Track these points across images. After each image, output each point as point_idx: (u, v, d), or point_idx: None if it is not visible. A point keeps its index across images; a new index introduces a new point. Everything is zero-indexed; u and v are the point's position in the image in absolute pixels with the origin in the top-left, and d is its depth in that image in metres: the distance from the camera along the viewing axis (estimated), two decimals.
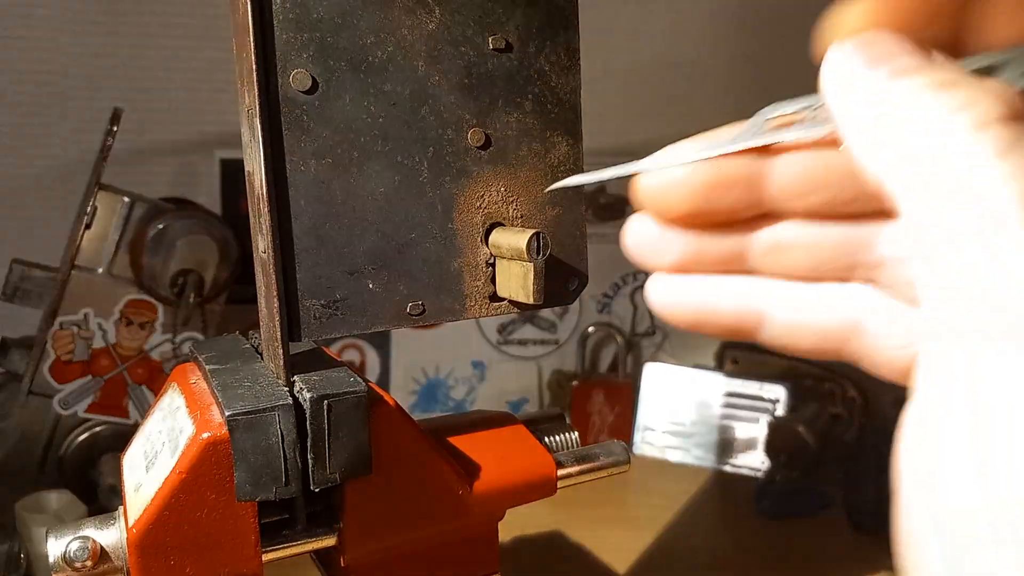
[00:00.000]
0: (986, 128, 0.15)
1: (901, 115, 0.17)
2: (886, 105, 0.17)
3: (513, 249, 0.27)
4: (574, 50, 0.29)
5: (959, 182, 0.16)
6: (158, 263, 0.69)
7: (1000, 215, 0.15)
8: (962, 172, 0.16)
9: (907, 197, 0.17)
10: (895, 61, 0.17)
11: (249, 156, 0.25)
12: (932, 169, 0.16)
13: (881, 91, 0.17)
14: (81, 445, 0.71)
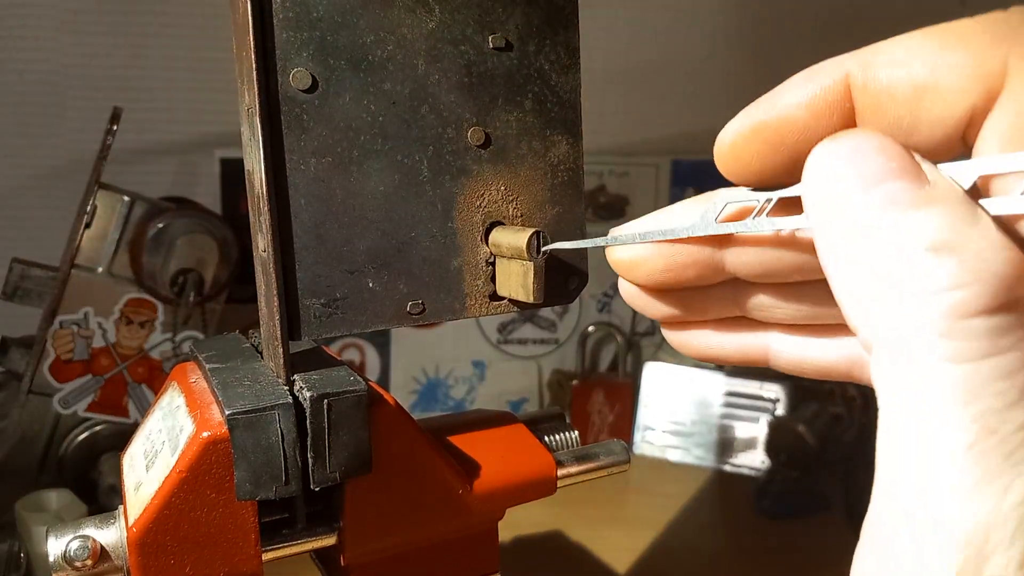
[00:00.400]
0: (965, 319, 0.14)
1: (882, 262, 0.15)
2: (870, 237, 0.15)
3: (513, 248, 0.27)
4: (574, 49, 0.29)
5: (919, 377, 0.14)
6: (158, 262, 0.69)
7: (943, 447, 0.14)
8: (922, 371, 0.14)
9: (865, 335, 0.16)
10: (888, 184, 0.15)
11: (249, 155, 0.25)
12: (895, 339, 0.15)
13: (869, 221, 0.15)
14: (81, 444, 0.71)
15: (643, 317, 0.92)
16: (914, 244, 0.14)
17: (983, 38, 0.15)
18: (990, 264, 0.14)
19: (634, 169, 0.92)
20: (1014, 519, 0.13)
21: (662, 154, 0.93)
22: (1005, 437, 0.14)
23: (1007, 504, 0.13)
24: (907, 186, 0.15)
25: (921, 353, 0.14)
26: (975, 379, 0.14)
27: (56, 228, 0.74)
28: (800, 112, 0.18)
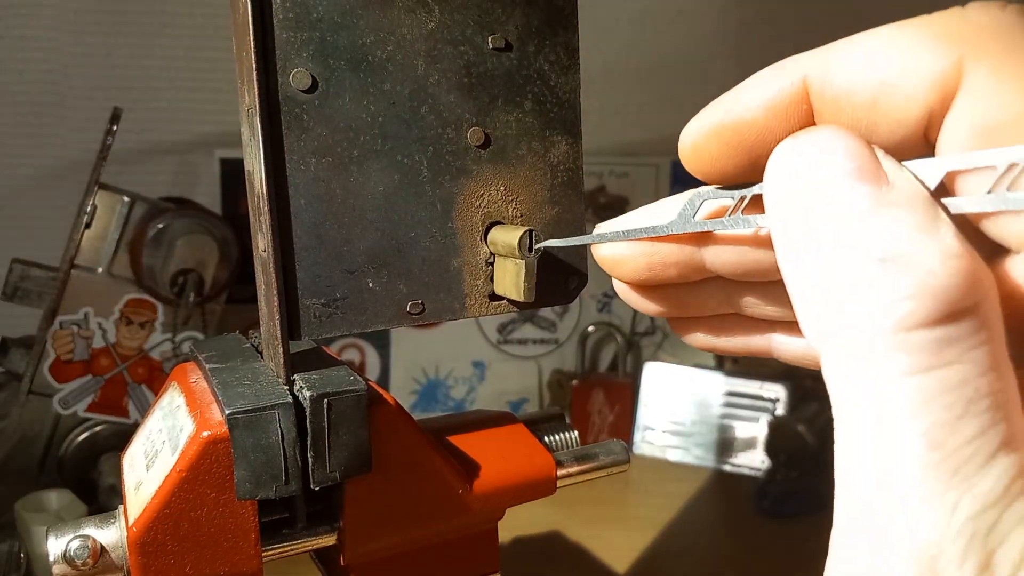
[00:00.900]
0: (911, 332, 0.14)
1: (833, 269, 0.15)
2: (823, 242, 0.15)
3: (507, 246, 0.27)
4: (573, 50, 0.29)
5: (865, 390, 0.14)
6: (158, 262, 0.69)
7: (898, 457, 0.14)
8: (869, 383, 0.14)
9: (813, 339, 0.15)
10: (846, 187, 0.15)
11: (249, 155, 0.25)
12: (843, 349, 0.15)
13: (823, 227, 0.15)
14: (81, 445, 0.71)
15: (643, 317, 0.92)
16: (864, 254, 0.14)
17: (938, 38, 0.15)
18: (937, 276, 0.14)
19: (634, 169, 0.92)
20: (965, 535, 0.13)
21: (662, 154, 0.93)
22: (952, 451, 0.13)
23: (957, 520, 0.13)
24: (865, 190, 0.15)
25: (868, 365, 0.14)
26: (921, 392, 0.14)
27: (56, 228, 0.74)
28: (758, 113, 0.18)
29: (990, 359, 0.14)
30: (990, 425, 0.13)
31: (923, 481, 0.13)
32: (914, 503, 0.14)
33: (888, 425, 0.14)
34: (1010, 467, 0.13)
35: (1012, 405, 0.14)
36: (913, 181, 0.15)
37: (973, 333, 0.14)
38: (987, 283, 0.14)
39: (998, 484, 0.13)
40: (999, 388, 0.14)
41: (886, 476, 0.14)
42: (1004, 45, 0.14)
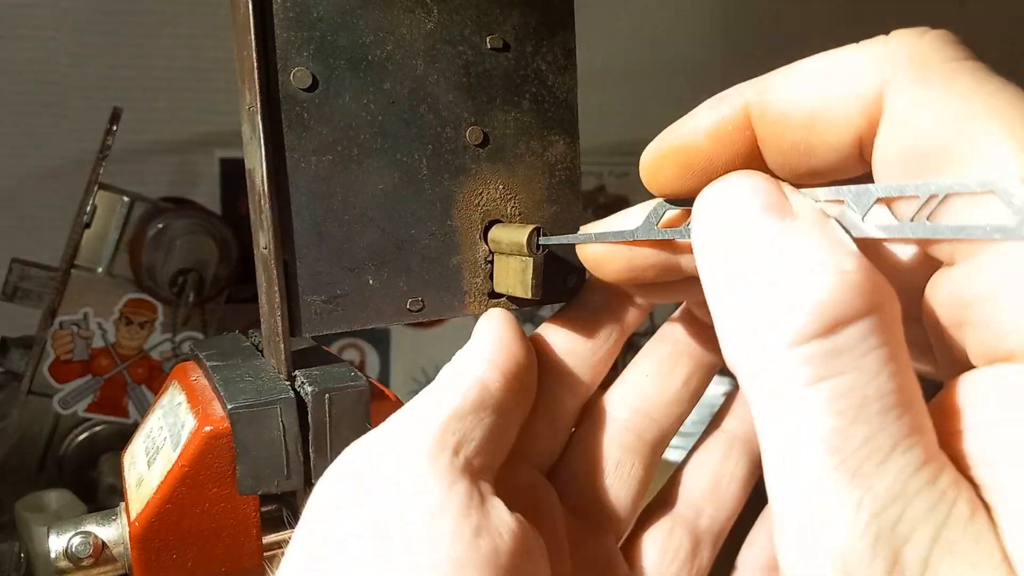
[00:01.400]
0: (799, 346, 0.15)
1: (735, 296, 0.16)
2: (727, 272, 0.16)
3: (513, 244, 0.27)
4: (571, 50, 0.29)
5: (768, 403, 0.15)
6: (158, 262, 0.69)
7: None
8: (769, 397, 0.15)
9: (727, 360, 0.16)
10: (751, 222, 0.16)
11: (250, 153, 0.26)
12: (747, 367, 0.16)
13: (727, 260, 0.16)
14: (81, 444, 0.72)
15: None
16: (757, 280, 0.15)
17: (862, 65, 0.16)
18: (819, 292, 0.14)
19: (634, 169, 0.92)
20: (871, 534, 0.14)
21: None
22: (850, 454, 0.14)
23: (861, 520, 0.14)
24: (768, 223, 0.16)
25: (769, 382, 0.15)
26: (815, 402, 0.14)
27: (56, 228, 0.74)
28: (704, 139, 0.18)
29: (880, 364, 0.14)
30: (882, 426, 0.14)
31: (827, 484, 0.14)
32: (821, 506, 0.14)
33: (791, 436, 0.15)
34: (907, 464, 0.14)
35: (909, 403, 0.14)
36: (816, 211, 0.16)
37: (861, 341, 0.14)
38: (879, 294, 0.15)
39: (896, 481, 0.14)
40: (891, 389, 0.14)
41: (796, 483, 0.15)
42: (921, 72, 0.15)
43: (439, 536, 0.17)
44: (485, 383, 0.21)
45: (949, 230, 0.14)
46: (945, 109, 0.14)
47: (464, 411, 0.20)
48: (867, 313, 0.14)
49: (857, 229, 0.16)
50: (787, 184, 0.17)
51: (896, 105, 0.15)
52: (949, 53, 0.15)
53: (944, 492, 0.14)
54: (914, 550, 0.14)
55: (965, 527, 0.14)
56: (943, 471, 0.14)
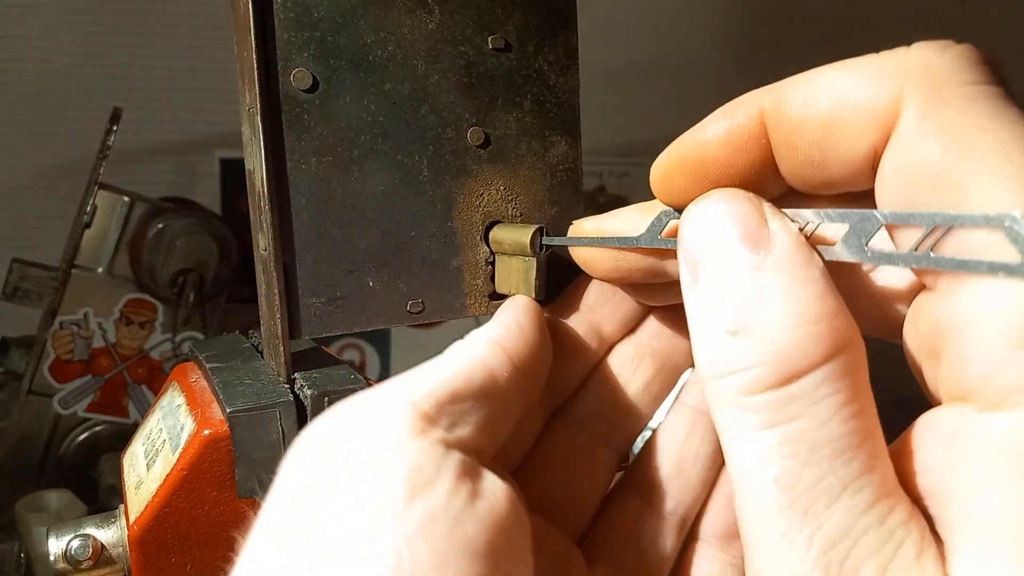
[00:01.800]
0: (755, 395, 0.15)
1: (698, 337, 0.17)
2: (694, 310, 0.17)
3: (516, 244, 0.27)
4: (573, 50, 0.29)
5: (727, 443, 0.16)
6: (158, 263, 0.69)
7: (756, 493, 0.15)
8: (728, 438, 0.16)
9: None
10: (722, 256, 0.16)
11: (250, 154, 0.25)
12: (711, 406, 0.16)
13: (696, 297, 0.17)
14: (81, 445, 0.71)
15: None
16: (721, 325, 0.16)
17: (880, 76, 0.15)
18: (776, 346, 0.15)
19: (634, 169, 0.92)
20: (820, 570, 0.14)
21: None
22: (801, 493, 0.15)
23: (811, 556, 0.14)
24: (740, 256, 0.16)
25: (726, 417, 0.16)
26: (767, 445, 0.15)
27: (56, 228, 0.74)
28: (719, 148, 0.18)
29: (833, 409, 0.15)
30: (832, 469, 0.15)
31: (779, 521, 0.15)
32: (774, 541, 0.15)
33: (748, 471, 0.15)
34: (856, 504, 0.14)
35: (862, 445, 0.15)
36: (792, 244, 0.16)
37: (815, 389, 0.15)
38: (840, 340, 0.15)
39: (845, 520, 0.14)
40: (843, 433, 0.15)
41: (751, 518, 0.16)
42: (936, 92, 0.15)
43: (434, 500, 0.16)
44: (490, 367, 0.20)
45: (952, 263, 0.14)
46: (953, 136, 0.14)
47: (459, 388, 0.19)
48: (824, 361, 0.15)
49: (854, 254, 0.16)
50: (770, 207, 0.17)
51: (906, 124, 0.15)
52: (969, 76, 0.15)
53: (893, 531, 0.14)
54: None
55: (910, 566, 0.14)
56: (894, 510, 0.15)
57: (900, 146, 0.15)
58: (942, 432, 0.15)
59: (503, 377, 0.20)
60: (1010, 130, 0.14)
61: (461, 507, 0.16)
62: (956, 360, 0.14)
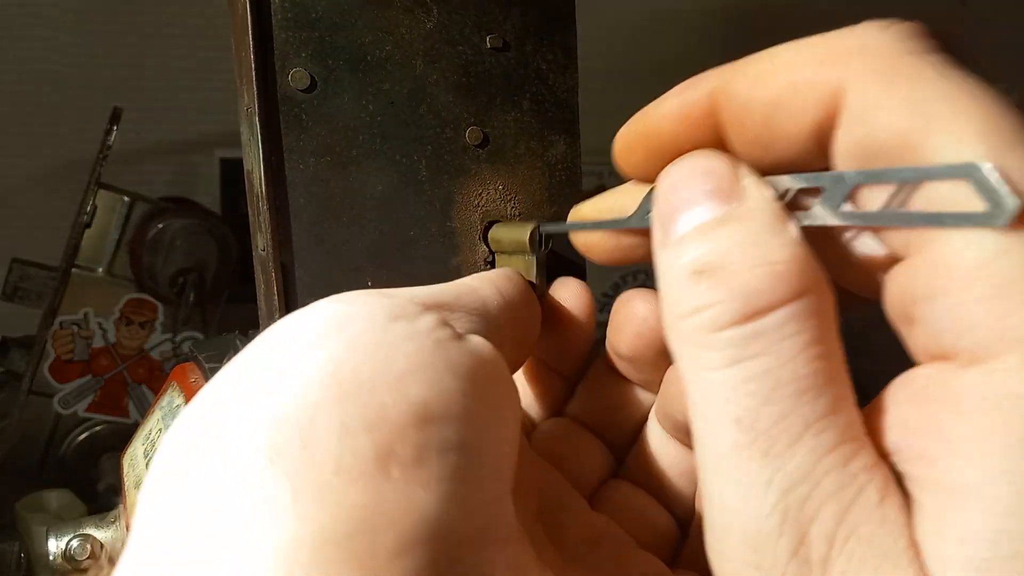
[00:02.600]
0: (716, 332, 0.15)
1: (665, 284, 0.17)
2: (662, 261, 0.17)
3: (515, 242, 0.27)
4: (571, 49, 0.29)
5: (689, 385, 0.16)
6: (158, 262, 0.69)
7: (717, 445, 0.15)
8: (690, 379, 0.16)
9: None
10: (692, 209, 0.17)
11: (248, 155, 0.25)
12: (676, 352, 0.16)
13: (666, 249, 0.17)
14: (81, 444, 0.72)
15: None
16: (679, 270, 0.16)
17: (823, 58, 0.16)
18: (743, 282, 0.15)
19: None
20: (779, 512, 0.14)
21: None
22: (761, 433, 0.14)
23: (770, 498, 0.14)
24: (709, 207, 0.16)
25: (689, 359, 0.16)
26: (729, 383, 0.15)
27: (56, 228, 0.74)
28: (672, 124, 0.19)
29: (797, 349, 0.15)
30: (795, 408, 0.14)
31: (739, 463, 0.15)
32: (733, 483, 0.15)
33: (710, 414, 0.15)
34: (818, 446, 0.14)
35: (826, 387, 0.15)
36: (764, 199, 0.16)
37: (779, 327, 0.15)
38: (806, 283, 0.15)
39: (806, 461, 0.14)
40: (807, 373, 0.15)
41: (713, 462, 0.15)
42: (881, 65, 0.15)
43: (416, 325, 0.16)
44: (480, 294, 0.20)
45: (921, 218, 0.14)
46: (903, 101, 0.14)
47: (447, 300, 0.19)
48: (790, 300, 0.15)
49: (827, 218, 0.16)
50: (746, 168, 0.17)
51: (854, 99, 0.15)
52: (913, 46, 0.15)
53: (855, 475, 0.14)
54: (819, 530, 0.14)
55: (871, 511, 0.14)
56: (858, 455, 0.14)
57: (851, 121, 0.15)
58: (915, 391, 0.15)
59: (493, 306, 0.20)
60: (960, 87, 0.14)
61: (444, 336, 0.16)
62: (929, 320, 0.14)
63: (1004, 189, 0.12)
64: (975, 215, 0.13)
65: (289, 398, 0.14)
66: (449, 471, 0.14)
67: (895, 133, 0.14)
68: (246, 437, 0.13)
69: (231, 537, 0.13)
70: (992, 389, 0.13)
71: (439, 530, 0.13)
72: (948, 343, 0.14)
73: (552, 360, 0.25)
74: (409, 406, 0.14)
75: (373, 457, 0.13)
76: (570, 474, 0.23)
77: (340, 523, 0.13)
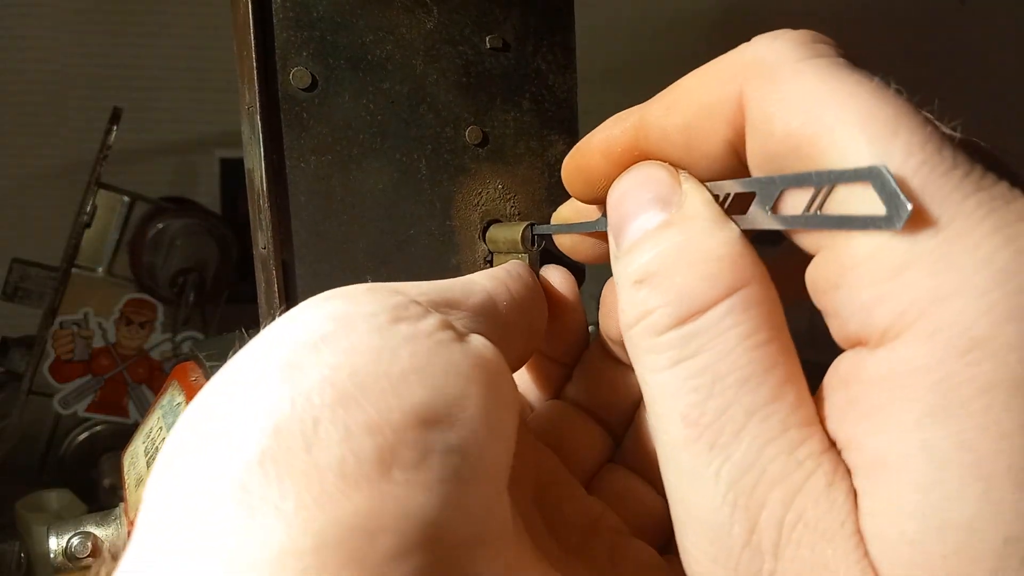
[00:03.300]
0: (658, 336, 0.16)
1: (618, 294, 0.17)
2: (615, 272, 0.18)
3: (509, 242, 0.27)
4: (571, 50, 0.29)
5: (642, 387, 0.16)
6: (158, 262, 0.69)
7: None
8: (642, 382, 0.16)
9: None
10: (634, 220, 0.17)
11: (249, 153, 0.26)
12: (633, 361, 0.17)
13: (615, 263, 0.18)
14: (81, 444, 0.72)
15: None
16: (625, 279, 0.17)
17: (722, 76, 0.16)
18: (678, 286, 0.16)
19: None
20: (729, 503, 0.14)
21: None
22: (706, 427, 0.15)
23: (720, 490, 0.14)
24: (651, 216, 0.17)
25: (638, 369, 0.16)
26: (673, 381, 0.15)
27: (56, 228, 0.74)
28: (599, 158, 0.19)
29: (736, 340, 0.15)
30: (737, 398, 0.15)
31: (689, 457, 0.15)
32: (687, 479, 0.15)
33: (660, 415, 0.16)
34: (763, 432, 0.14)
35: (767, 375, 0.15)
36: (701, 202, 0.17)
37: (716, 323, 0.15)
38: (741, 277, 0.15)
39: (751, 450, 0.14)
40: (747, 362, 0.15)
41: (666, 458, 0.16)
42: (771, 74, 0.15)
43: (418, 326, 0.16)
44: (490, 292, 0.20)
45: (834, 221, 0.14)
46: (797, 107, 0.15)
47: (455, 297, 0.19)
48: (725, 296, 0.15)
49: (761, 221, 0.16)
50: (686, 175, 0.18)
51: (753, 111, 0.16)
52: (801, 53, 0.15)
53: (802, 462, 0.14)
54: (768, 517, 0.14)
55: (819, 497, 0.14)
56: (806, 442, 0.14)
57: (754, 134, 0.16)
58: (840, 378, 0.15)
59: (502, 304, 0.20)
60: (840, 85, 0.14)
61: (446, 338, 0.16)
62: (839, 308, 0.14)
63: (901, 196, 0.13)
64: (877, 218, 0.13)
65: (292, 400, 0.14)
66: (449, 473, 0.14)
67: (793, 139, 0.15)
68: (249, 439, 0.13)
69: (232, 541, 0.13)
70: (897, 366, 0.13)
71: (438, 533, 0.13)
72: (856, 328, 0.14)
73: (547, 346, 0.25)
74: (411, 408, 0.14)
75: (376, 460, 0.13)
76: (567, 457, 0.23)
77: (341, 527, 0.13)
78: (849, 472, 0.14)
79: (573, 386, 0.25)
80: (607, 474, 0.24)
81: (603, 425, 0.25)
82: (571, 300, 0.25)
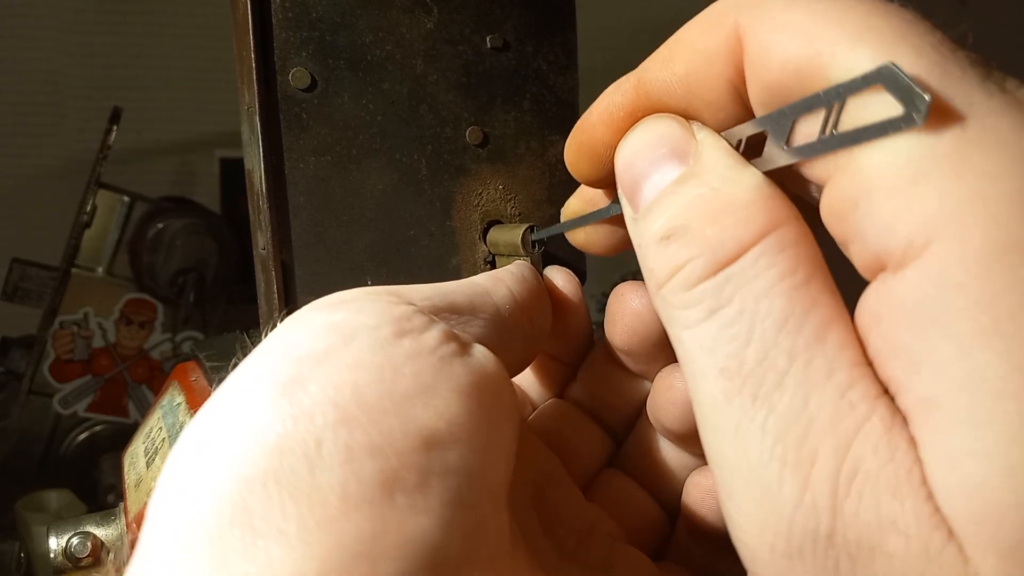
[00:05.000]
0: (691, 289, 0.15)
1: (641, 254, 0.17)
2: (632, 232, 0.17)
3: (509, 244, 0.27)
4: (571, 50, 0.29)
5: (676, 345, 0.16)
6: (158, 262, 0.69)
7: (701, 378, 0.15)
8: (676, 340, 0.16)
9: None
10: (650, 177, 0.16)
11: (249, 154, 0.25)
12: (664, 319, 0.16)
13: (632, 223, 0.17)
14: (81, 444, 0.72)
15: None
16: (649, 239, 0.16)
17: (713, 16, 0.16)
18: (708, 236, 0.15)
19: None
20: (777, 459, 0.13)
21: None
22: (747, 377, 0.14)
23: (767, 445, 0.13)
24: (669, 171, 0.16)
25: (673, 330, 0.16)
26: (708, 334, 0.14)
27: (56, 228, 0.74)
28: (603, 129, 0.18)
29: (770, 283, 0.14)
30: (776, 342, 0.13)
31: (731, 414, 0.14)
32: (730, 438, 0.14)
33: (696, 371, 0.15)
34: (808, 378, 0.13)
35: (808, 315, 0.14)
36: (719, 150, 0.16)
37: (748, 268, 0.14)
38: (777, 216, 0.14)
39: (797, 397, 0.13)
40: (783, 304, 0.14)
41: (707, 419, 0.15)
42: (764, 5, 0.15)
43: (421, 341, 0.15)
44: (492, 296, 0.20)
45: (851, 137, 0.13)
46: (796, 31, 0.14)
47: (458, 302, 0.18)
48: (758, 240, 0.14)
49: (779, 158, 0.15)
50: (698, 124, 0.17)
51: (751, 43, 0.15)
52: None
53: (854, 405, 0.13)
54: (822, 471, 0.13)
55: (877, 445, 0.12)
56: (855, 385, 0.13)
57: (755, 66, 0.15)
58: (870, 314, 0.13)
59: (505, 308, 0.20)
60: (847, 2, 0.14)
61: (448, 353, 0.16)
62: (858, 230, 0.13)
63: (916, 88, 0.12)
64: (895, 120, 0.12)
65: (295, 419, 0.13)
66: (451, 495, 0.14)
67: (796, 63, 0.14)
68: (251, 459, 0.13)
69: (237, 566, 0.12)
70: (928, 286, 0.12)
71: (439, 556, 0.13)
72: (878, 248, 0.13)
73: (551, 347, 0.25)
74: (415, 430, 0.14)
75: (379, 483, 0.13)
76: (567, 458, 0.23)
77: (344, 552, 0.12)
78: (906, 421, 0.13)
79: (577, 386, 0.25)
80: (605, 478, 0.24)
81: (604, 427, 0.25)
82: (575, 301, 0.24)
